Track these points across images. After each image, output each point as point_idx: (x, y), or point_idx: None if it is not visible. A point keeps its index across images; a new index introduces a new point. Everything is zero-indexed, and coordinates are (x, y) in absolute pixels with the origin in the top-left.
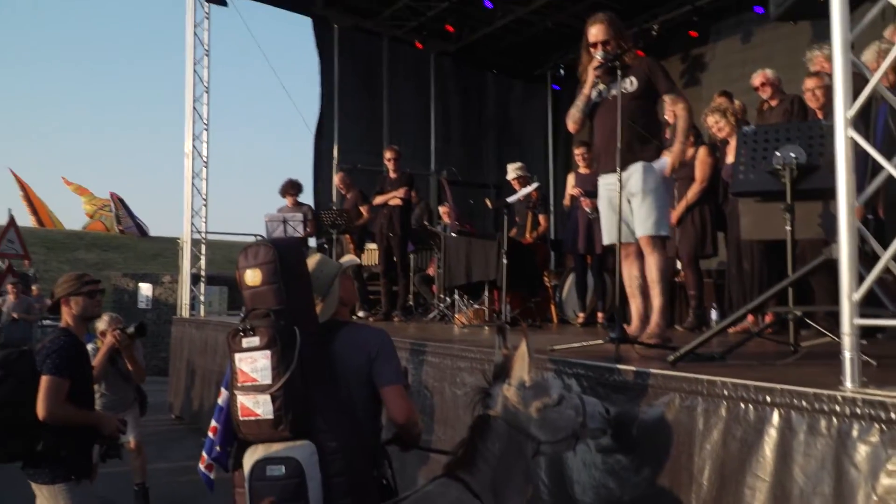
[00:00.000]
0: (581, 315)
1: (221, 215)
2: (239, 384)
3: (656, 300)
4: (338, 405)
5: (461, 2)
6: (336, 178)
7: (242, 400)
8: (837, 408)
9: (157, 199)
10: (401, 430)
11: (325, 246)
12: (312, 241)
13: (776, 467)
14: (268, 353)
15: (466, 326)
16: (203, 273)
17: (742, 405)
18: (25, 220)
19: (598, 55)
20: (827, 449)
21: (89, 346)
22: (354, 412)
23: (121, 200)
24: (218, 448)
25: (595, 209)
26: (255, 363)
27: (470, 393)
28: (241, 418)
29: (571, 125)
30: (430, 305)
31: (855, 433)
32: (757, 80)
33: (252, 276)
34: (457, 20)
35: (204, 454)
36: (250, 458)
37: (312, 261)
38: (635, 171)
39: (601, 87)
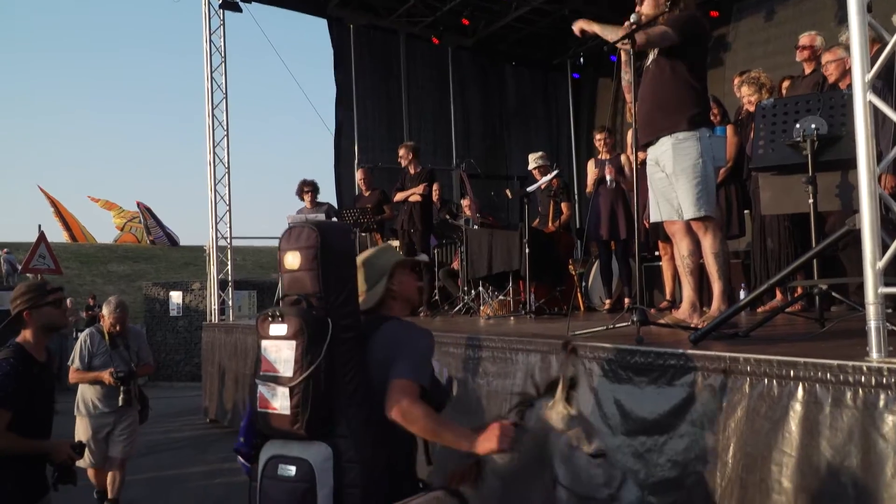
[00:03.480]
0: (608, 302)
1: (247, 220)
2: (261, 373)
3: (714, 284)
4: (367, 411)
5: None
6: (358, 174)
7: (262, 390)
8: (863, 378)
9: (185, 208)
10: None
11: None
12: None
13: (802, 442)
14: (293, 343)
15: (491, 318)
16: (230, 278)
17: (765, 381)
18: (58, 236)
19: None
20: (853, 421)
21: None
22: (384, 421)
23: (148, 210)
24: (241, 438)
25: (615, 177)
26: (279, 353)
27: (512, 399)
28: (258, 409)
29: (625, 92)
30: (455, 299)
31: (882, 403)
32: (803, 39)
33: (291, 260)
34: (472, 13)
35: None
36: (266, 452)
37: (375, 248)
38: (665, 146)
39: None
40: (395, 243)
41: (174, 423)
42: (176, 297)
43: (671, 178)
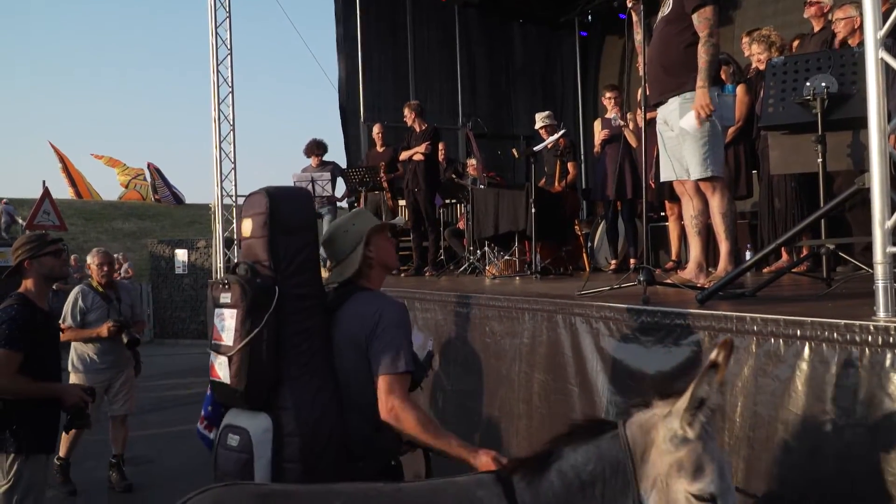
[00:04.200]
0: (613, 262)
1: (253, 178)
2: (211, 342)
3: (721, 245)
4: (317, 383)
5: None
6: (375, 129)
7: (212, 359)
8: (870, 338)
9: (192, 166)
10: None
11: (356, 204)
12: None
13: (809, 401)
14: (234, 311)
15: (497, 278)
16: (236, 236)
17: (772, 340)
18: (65, 192)
19: None
20: (860, 380)
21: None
22: (342, 393)
23: (157, 170)
24: (210, 408)
25: (619, 117)
26: (224, 321)
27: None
28: (211, 378)
29: (637, 52)
30: (461, 259)
31: (888, 363)
32: None
33: (246, 227)
34: None
35: (202, 412)
36: (224, 421)
37: (347, 215)
38: (673, 106)
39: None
40: (403, 202)
41: (180, 380)
42: (181, 254)
43: (679, 137)
